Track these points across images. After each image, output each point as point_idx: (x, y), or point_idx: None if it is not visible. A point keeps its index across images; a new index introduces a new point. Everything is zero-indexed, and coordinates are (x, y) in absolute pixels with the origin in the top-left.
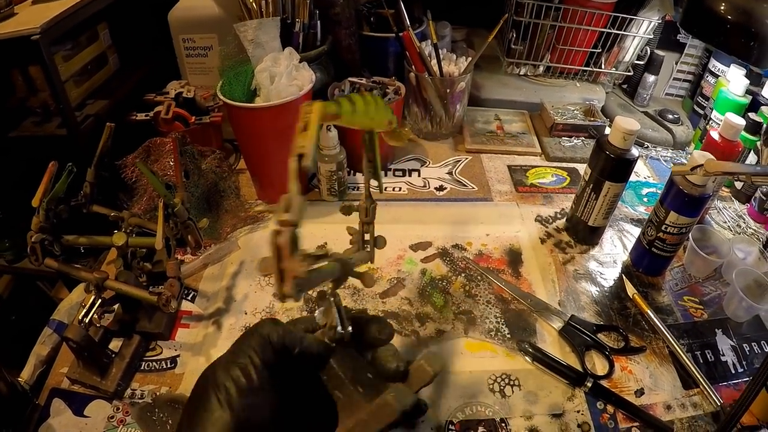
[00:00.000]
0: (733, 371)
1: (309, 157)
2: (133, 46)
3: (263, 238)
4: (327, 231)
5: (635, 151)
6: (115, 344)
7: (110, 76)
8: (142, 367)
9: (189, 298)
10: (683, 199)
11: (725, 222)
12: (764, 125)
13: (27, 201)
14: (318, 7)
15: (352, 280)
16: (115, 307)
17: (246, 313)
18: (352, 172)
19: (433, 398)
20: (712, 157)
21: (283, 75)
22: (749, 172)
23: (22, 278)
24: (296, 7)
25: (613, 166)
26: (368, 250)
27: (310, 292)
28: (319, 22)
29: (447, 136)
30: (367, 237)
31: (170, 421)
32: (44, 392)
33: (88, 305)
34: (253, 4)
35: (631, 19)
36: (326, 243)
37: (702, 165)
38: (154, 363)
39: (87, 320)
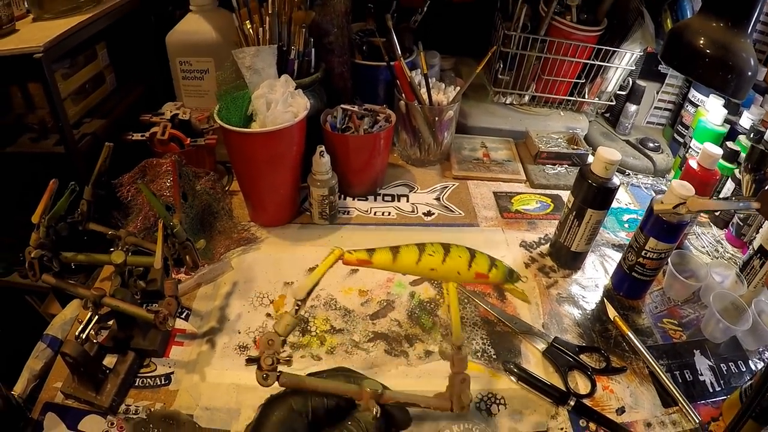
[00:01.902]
0: (711, 390)
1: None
2: (130, 66)
3: (256, 259)
4: (319, 253)
5: (616, 180)
6: (109, 360)
7: (107, 95)
8: (136, 384)
9: (183, 316)
10: (662, 226)
11: (703, 247)
12: (742, 154)
13: (19, 216)
14: (312, 36)
15: (342, 302)
16: (110, 323)
17: (239, 332)
18: (343, 196)
19: (421, 416)
20: (690, 186)
21: (279, 102)
22: (730, 207)
23: (11, 293)
24: (292, 35)
25: (595, 195)
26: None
27: None
28: (313, 50)
29: (435, 163)
30: None
31: None
32: (37, 406)
33: (85, 321)
34: (251, 31)
35: (614, 51)
36: (317, 266)
37: (685, 202)
38: (148, 379)
39: (84, 336)
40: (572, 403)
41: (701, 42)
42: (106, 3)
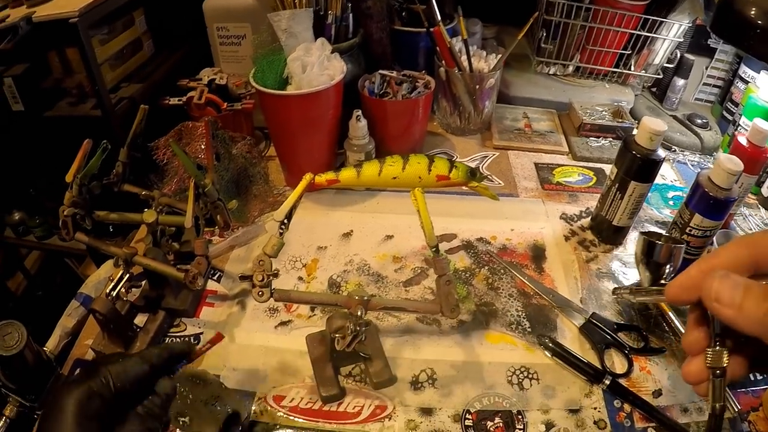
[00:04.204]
0: (752, 378)
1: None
2: (168, 33)
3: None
4: (353, 219)
5: (661, 152)
6: (140, 319)
7: (145, 61)
8: (165, 342)
9: (215, 278)
10: (708, 202)
11: (750, 229)
12: None
13: (58, 180)
14: (350, 1)
15: (375, 267)
16: (143, 283)
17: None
18: None
19: (451, 387)
20: (739, 161)
21: (315, 65)
22: None
23: (51, 255)
24: (329, 0)
25: (639, 166)
26: None
27: None
28: (351, 14)
29: (475, 132)
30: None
31: (191, 396)
32: (68, 362)
33: (116, 279)
34: None
35: (662, 22)
36: (352, 231)
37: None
38: (177, 339)
39: (114, 294)
40: (607, 382)
41: (753, 12)
42: None
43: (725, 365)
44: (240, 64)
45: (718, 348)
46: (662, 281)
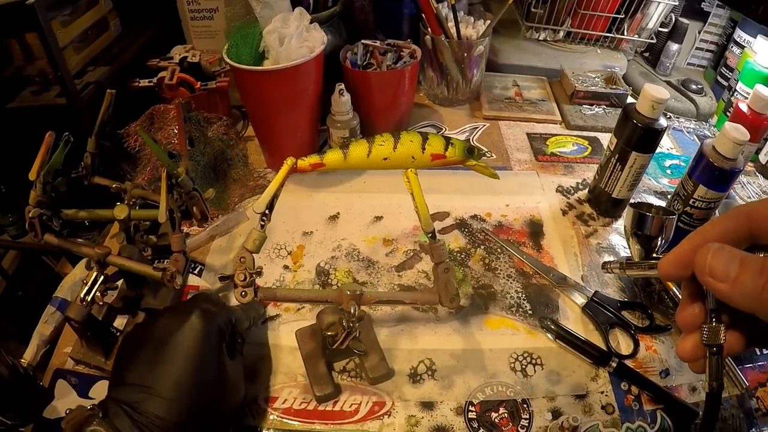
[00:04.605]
0: (759, 353)
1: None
2: (136, 10)
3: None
4: (339, 201)
5: (663, 121)
6: (120, 322)
7: (111, 42)
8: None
9: (196, 272)
10: (713, 173)
11: (749, 197)
12: None
13: (28, 174)
14: None
15: (365, 252)
16: (119, 283)
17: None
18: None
19: (452, 378)
20: (745, 130)
21: (293, 36)
22: None
23: (28, 253)
24: None
25: (640, 136)
26: None
27: None
28: None
29: (464, 102)
30: None
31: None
32: (48, 373)
33: (90, 282)
34: None
35: None
36: (338, 213)
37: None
38: None
39: (89, 298)
40: (614, 364)
41: None
42: None
43: (722, 342)
44: (213, 40)
45: (714, 324)
46: (654, 255)
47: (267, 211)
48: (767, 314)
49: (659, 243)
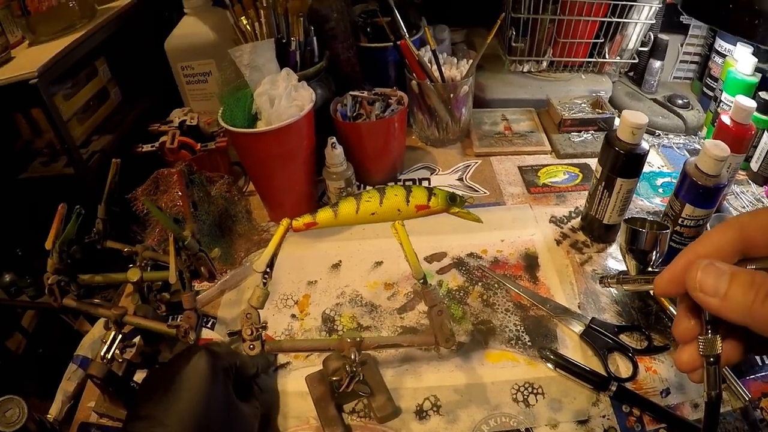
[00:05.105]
0: (760, 363)
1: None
2: (134, 78)
3: (277, 260)
4: (341, 249)
5: (645, 145)
6: (139, 376)
7: (113, 110)
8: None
9: (209, 325)
10: (697, 191)
11: (744, 207)
12: None
13: (42, 240)
14: (312, 24)
15: (367, 297)
16: (136, 339)
17: None
18: (361, 186)
19: (456, 412)
20: (725, 146)
21: (282, 97)
22: None
23: (46, 312)
24: (290, 26)
25: (623, 162)
26: None
27: None
28: (315, 38)
29: (455, 142)
30: None
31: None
32: (74, 427)
33: (109, 341)
34: (247, 27)
35: (632, 6)
36: (340, 261)
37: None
38: None
39: (109, 356)
40: (614, 388)
41: None
42: (100, 17)
43: (719, 352)
44: (209, 102)
45: (710, 335)
46: (650, 268)
47: (268, 269)
48: (759, 326)
49: (654, 257)
